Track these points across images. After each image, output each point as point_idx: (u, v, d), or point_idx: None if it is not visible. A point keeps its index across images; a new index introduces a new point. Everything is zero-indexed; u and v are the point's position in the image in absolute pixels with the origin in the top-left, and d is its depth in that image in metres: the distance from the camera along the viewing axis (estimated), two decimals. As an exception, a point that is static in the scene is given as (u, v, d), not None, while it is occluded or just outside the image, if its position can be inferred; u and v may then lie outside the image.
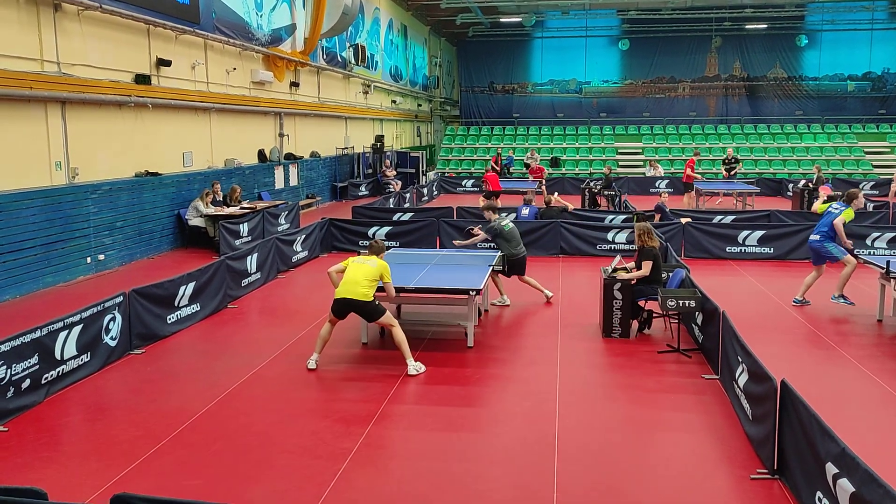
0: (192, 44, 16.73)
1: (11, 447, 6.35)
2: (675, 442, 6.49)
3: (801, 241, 15.05)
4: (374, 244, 8.87)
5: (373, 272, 8.35)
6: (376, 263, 8.47)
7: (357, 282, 8.26)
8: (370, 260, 8.54)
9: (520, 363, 8.64)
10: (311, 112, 24.17)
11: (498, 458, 6.18)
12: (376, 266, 8.42)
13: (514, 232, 11.22)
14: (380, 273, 8.39)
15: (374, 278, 8.34)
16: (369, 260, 8.54)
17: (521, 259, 11.15)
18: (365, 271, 8.35)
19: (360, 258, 8.66)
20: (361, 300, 8.26)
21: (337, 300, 8.40)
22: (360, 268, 8.42)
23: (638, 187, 29.60)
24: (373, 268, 8.38)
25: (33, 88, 11.78)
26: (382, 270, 8.43)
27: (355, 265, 8.49)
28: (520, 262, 11.15)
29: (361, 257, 8.70)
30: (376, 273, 8.37)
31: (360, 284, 8.25)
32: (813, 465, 4.97)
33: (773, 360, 7.30)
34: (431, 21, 39.66)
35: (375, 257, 8.61)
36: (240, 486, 5.68)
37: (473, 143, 38.79)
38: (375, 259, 8.55)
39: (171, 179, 15.79)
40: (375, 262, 8.50)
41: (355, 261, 8.60)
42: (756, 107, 41.32)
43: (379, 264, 8.47)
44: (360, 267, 8.43)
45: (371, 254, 8.70)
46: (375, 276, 8.35)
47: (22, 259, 11.67)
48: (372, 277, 8.32)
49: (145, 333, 9.22)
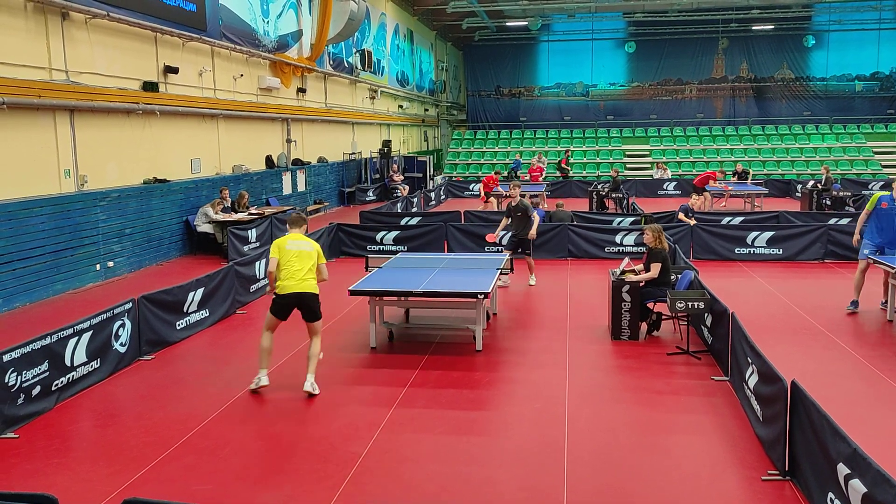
0: (199, 51, 16.80)
1: (22, 454, 6.38)
2: (685, 444, 6.46)
3: (811, 242, 15.03)
4: (297, 217, 8.13)
5: (313, 257, 7.72)
6: (311, 245, 7.81)
7: (303, 271, 7.63)
8: (303, 242, 7.80)
9: (529, 366, 8.62)
10: (318, 118, 24.23)
11: (507, 460, 6.17)
12: (313, 249, 7.78)
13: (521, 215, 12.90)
14: (316, 254, 7.78)
15: (315, 263, 7.75)
16: (302, 242, 7.80)
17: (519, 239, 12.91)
18: (306, 257, 7.68)
19: (292, 242, 7.81)
20: (312, 292, 7.69)
21: (285, 296, 7.66)
22: (300, 255, 7.68)
23: (646, 189, 29.54)
24: (310, 251, 7.74)
25: (42, 97, 11.86)
26: (318, 251, 7.83)
27: (293, 253, 7.70)
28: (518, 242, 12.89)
29: (291, 240, 7.84)
30: (315, 256, 7.75)
31: (306, 273, 7.65)
32: (824, 465, 4.94)
33: (782, 361, 7.27)
34: (437, 26, 39.72)
35: (302, 235, 7.88)
36: (249, 491, 5.68)
37: (480, 147, 38.81)
38: (307, 239, 7.88)
39: (179, 186, 15.85)
40: (309, 243, 7.83)
41: (289, 247, 7.77)
42: (764, 108, 41.23)
43: (314, 245, 7.82)
44: (299, 254, 7.69)
45: (297, 230, 7.97)
46: (315, 261, 7.75)
47: (32, 266, 11.73)
48: (314, 263, 7.73)
49: (154, 339, 9.25)
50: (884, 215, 10.56)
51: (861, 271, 10.71)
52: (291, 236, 7.90)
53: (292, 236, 7.89)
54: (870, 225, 10.76)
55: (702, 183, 22.23)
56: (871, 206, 10.69)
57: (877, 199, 10.65)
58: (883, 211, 10.57)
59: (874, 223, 10.67)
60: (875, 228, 10.65)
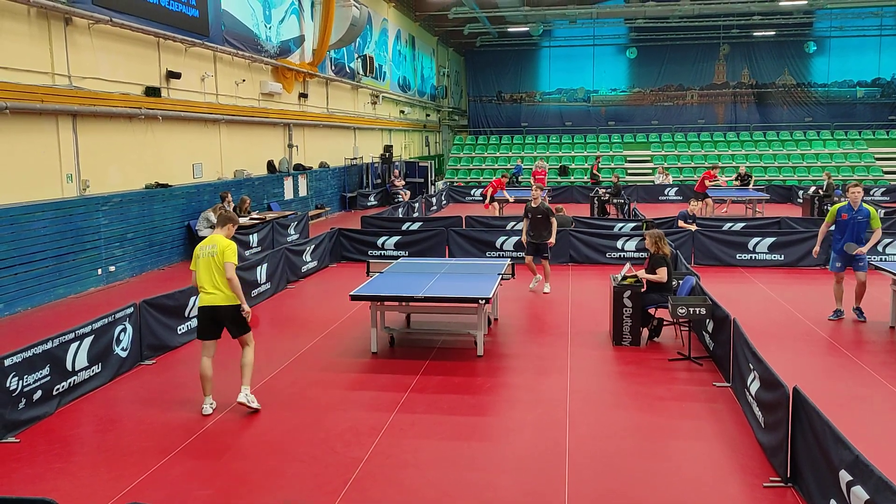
0: (201, 56, 16.84)
1: (24, 458, 6.38)
2: (686, 450, 6.45)
3: (812, 249, 14.97)
4: (221, 215, 7.31)
5: (219, 262, 6.88)
6: (216, 246, 6.90)
7: (213, 280, 6.89)
8: (215, 245, 6.96)
9: (530, 372, 8.61)
10: (319, 123, 24.26)
11: (509, 466, 6.16)
12: (219, 250, 6.89)
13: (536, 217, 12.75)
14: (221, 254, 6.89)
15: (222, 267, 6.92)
16: (215, 245, 6.96)
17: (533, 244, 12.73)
18: (214, 264, 6.86)
19: (203, 248, 7.03)
20: (226, 305, 6.93)
21: (201, 309, 6.98)
22: (207, 262, 6.88)
23: (647, 195, 29.56)
24: (216, 256, 6.90)
25: (45, 102, 11.89)
26: (225, 249, 6.90)
27: (203, 260, 6.96)
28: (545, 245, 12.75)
29: (203, 245, 7.06)
30: (220, 259, 6.89)
31: (218, 282, 6.91)
32: (826, 472, 4.93)
33: (784, 368, 7.26)
34: (439, 31, 39.80)
35: (221, 235, 7.07)
36: (250, 496, 5.67)
37: (482, 152, 38.84)
38: (219, 239, 6.99)
39: (181, 191, 15.87)
40: (215, 245, 6.93)
41: (199, 254, 7.05)
42: (765, 114, 41.26)
43: (220, 245, 6.90)
44: (207, 262, 6.88)
45: (218, 230, 7.16)
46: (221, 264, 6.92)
47: (34, 271, 11.74)
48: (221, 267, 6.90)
49: (156, 344, 9.25)
50: (845, 226, 10.55)
51: (838, 282, 10.77)
52: (206, 240, 7.17)
53: (207, 240, 7.15)
54: (834, 236, 10.77)
55: (702, 188, 22.24)
56: (831, 219, 10.72)
57: (836, 211, 10.66)
58: (843, 222, 10.58)
59: (837, 234, 10.68)
60: (838, 240, 10.66)
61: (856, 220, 10.49)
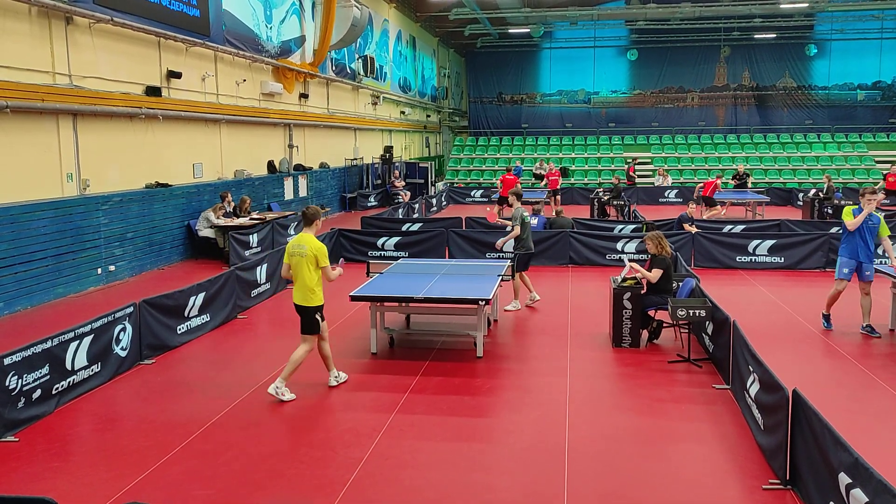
0: (202, 56, 16.84)
1: (22, 457, 6.37)
2: (685, 452, 6.45)
3: (812, 251, 15.03)
4: (306, 212, 7.67)
5: (310, 263, 7.43)
6: (307, 248, 7.43)
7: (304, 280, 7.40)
8: (304, 245, 7.48)
9: (529, 373, 8.61)
10: (320, 123, 24.27)
11: (508, 467, 6.16)
12: (308, 252, 7.41)
13: (529, 225, 11.81)
14: (314, 258, 7.46)
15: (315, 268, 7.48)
16: (303, 245, 7.48)
17: (532, 254, 11.91)
18: (306, 264, 7.39)
19: (295, 243, 7.54)
20: (304, 305, 7.50)
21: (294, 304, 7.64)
22: (300, 263, 7.43)
23: (647, 197, 29.57)
24: (307, 257, 7.42)
25: (45, 101, 11.89)
26: (317, 254, 7.43)
27: (297, 260, 7.49)
28: (531, 257, 11.91)
29: (295, 243, 7.54)
30: (312, 261, 7.45)
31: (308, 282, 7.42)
32: (826, 475, 4.93)
33: (784, 370, 7.26)
34: (440, 32, 39.81)
35: (310, 234, 7.57)
36: (250, 497, 5.67)
37: (482, 153, 38.85)
38: (309, 239, 7.51)
39: (181, 191, 15.87)
40: (307, 246, 7.46)
41: (293, 251, 7.55)
42: (765, 116, 41.28)
43: (311, 247, 7.41)
44: (300, 262, 7.44)
45: (304, 226, 7.66)
46: (314, 265, 7.48)
47: (33, 270, 11.74)
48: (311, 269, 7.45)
49: (155, 344, 9.25)
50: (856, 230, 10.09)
51: (839, 291, 10.28)
52: (296, 238, 7.69)
53: (297, 239, 7.67)
54: (846, 240, 10.23)
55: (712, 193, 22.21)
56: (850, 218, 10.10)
57: (851, 213, 10.13)
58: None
59: (849, 238, 10.17)
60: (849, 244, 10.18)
61: (867, 224, 10.15)
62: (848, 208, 10.36)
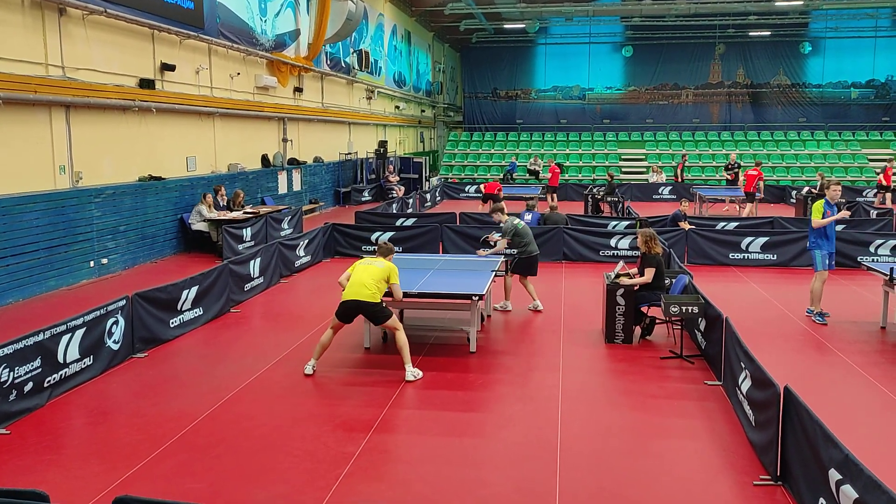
0: (196, 49, 16.77)
1: (14, 450, 6.36)
2: (677, 448, 6.47)
3: (805, 248, 15.04)
4: (382, 246, 8.90)
5: (380, 273, 8.34)
6: (384, 264, 8.46)
7: (364, 283, 8.23)
8: (377, 261, 8.54)
9: (522, 368, 8.63)
10: (314, 117, 24.21)
11: (500, 462, 6.17)
12: (383, 267, 8.42)
13: (528, 229, 11.39)
14: (387, 274, 8.37)
15: (382, 279, 8.33)
16: (377, 261, 8.54)
17: (535, 258, 11.24)
18: (372, 272, 8.33)
19: (367, 260, 8.65)
20: (368, 301, 8.21)
21: (344, 303, 8.34)
22: (366, 269, 8.39)
23: (641, 193, 29.61)
24: (380, 268, 8.38)
25: (38, 92, 11.82)
26: (390, 272, 8.41)
27: (362, 267, 8.46)
28: (534, 261, 11.22)
29: (368, 259, 8.68)
30: (383, 274, 8.36)
31: (367, 286, 8.21)
32: (816, 471, 4.95)
33: (776, 367, 7.29)
34: (435, 27, 39.73)
35: (383, 259, 8.62)
36: (242, 490, 5.67)
37: (477, 149, 38.83)
38: (383, 260, 8.56)
39: (174, 184, 15.82)
40: (383, 262, 8.50)
41: (361, 263, 8.57)
42: (759, 114, 41.39)
43: (386, 265, 8.46)
44: (366, 268, 8.41)
45: (379, 255, 8.72)
46: (383, 277, 8.34)
47: (25, 263, 11.69)
48: (379, 278, 8.31)
49: (148, 337, 9.23)
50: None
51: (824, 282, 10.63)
52: (371, 258, 8.71)
53: (372, 258, 8.70)
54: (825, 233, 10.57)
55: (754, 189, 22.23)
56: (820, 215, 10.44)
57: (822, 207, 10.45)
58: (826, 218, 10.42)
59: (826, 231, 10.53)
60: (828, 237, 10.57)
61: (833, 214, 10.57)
62: (818, 204, 10.53)
